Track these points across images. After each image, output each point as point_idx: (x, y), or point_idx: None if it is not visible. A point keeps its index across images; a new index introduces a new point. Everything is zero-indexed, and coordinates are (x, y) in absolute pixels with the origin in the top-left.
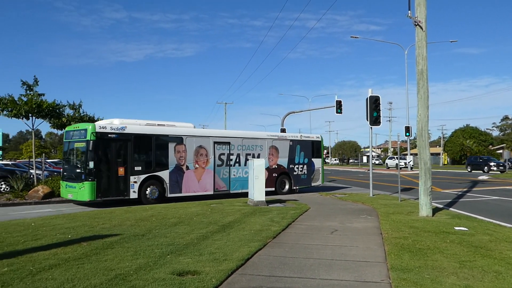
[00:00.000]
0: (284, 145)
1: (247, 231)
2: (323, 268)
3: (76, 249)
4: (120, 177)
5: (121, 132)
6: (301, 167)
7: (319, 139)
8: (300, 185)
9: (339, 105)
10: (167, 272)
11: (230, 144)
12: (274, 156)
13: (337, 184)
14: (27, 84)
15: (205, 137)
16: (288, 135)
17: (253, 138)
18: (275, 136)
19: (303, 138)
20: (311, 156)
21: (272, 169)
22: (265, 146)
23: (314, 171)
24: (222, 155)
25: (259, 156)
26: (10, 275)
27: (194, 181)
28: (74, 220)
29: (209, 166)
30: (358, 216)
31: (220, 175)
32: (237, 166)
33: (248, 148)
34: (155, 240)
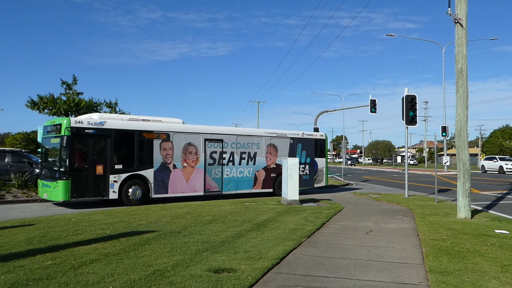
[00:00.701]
0: (284, 143)
1: (281, 230)
2: (359, 268)
3: (115, 244)
4: (98, 176)
5: (99, 127)
6: (302, 167)
7: (323, 137)
8: (301, 186)
9: (374, 104)
10: (204, 269)
11: (223, 141)
12: (272, 155)
13: (372, 184)
14: (67, 83)
15: (195, 134)
16: (288, 133)
17: (248, 136)
18: (273, 133)
19: (305, 136)
20: (314, 155)
21: (270, 169)
22: (263, 144)
23: (317, 171)
24: (214, 154)
25: (255, 155)
26: (54, 268)
27: (182, 181)
28: (112, 216)
29: (199, 165)
30: (393, 216)
31: (212, 174)
32: (231, 165)
33: (243, 146)
34: (190, 237)
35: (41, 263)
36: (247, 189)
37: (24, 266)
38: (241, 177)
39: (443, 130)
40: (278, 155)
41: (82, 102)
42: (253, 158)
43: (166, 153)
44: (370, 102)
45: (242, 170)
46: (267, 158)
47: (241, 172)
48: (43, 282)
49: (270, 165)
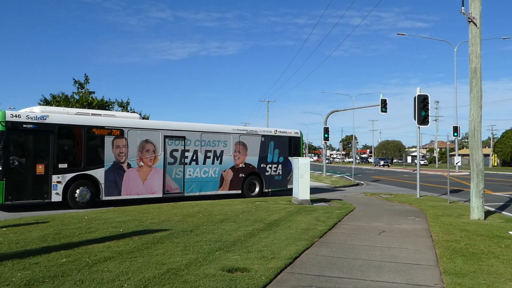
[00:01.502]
0: (254, 141)
1: (293, 230)
2: (372, 269)
3: (128, 242)
4: (39, 176)
5: (41, 122)
6: (275, 167)
7: (298, 135)
8: (273, 187)
9: (384, 103)
10: (217, 268)
11: (185, 138)
12: (241, 154)
13: (382, 184)
14: (79, 82)
15: (153, 130)
16: (260, 130)
17: (214, 133)
18: (242, 130)
19: (278, 134)
20: (288, 154)
21: (239, 168)
22: (230, 142)
23: (291, 171)
24: (175, 152)
25: (222, 153)
26: (69, 265)
27: (137, 182)
28: (124, 215)
29: (157, 164)
30: (405, 217)
31: (172, 175)
32: (194, 164)
33: (209, 143)
34: (203, 236)
35: (56, 260)
36: (212, 191)
37: (40, 263)
38: (205, 177)
39: (455, 130)
40: (247, 153)
41: (95, 101)
42: (220, 157)
43: (120, 151)
44: (380, 101)
45: (207, 170)
46: (235, 157)
47: (205, 172)
48: (58, 280)
49: (239, 164)
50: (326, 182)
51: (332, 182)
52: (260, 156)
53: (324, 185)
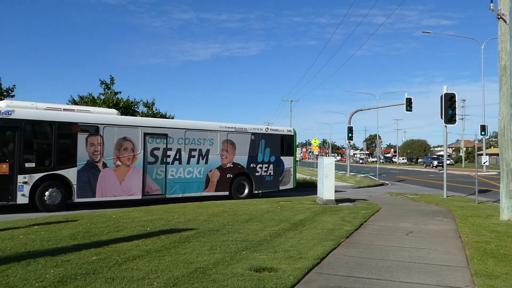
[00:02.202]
0: (243, 139)
1: (319, 230)
2: (401, 270)
3: (156, 241)
4: (2, 176)
5: (5, 117)
6: (265, 167)
7: (291, 133)
8: (264, 189)
9: (409, 102)
10: (245, 267)
11: (167, 136)
12: (229, 153)
13: (407, 184)
14: (105, 83)
15: (132, 127)
16: (250, 127)
17: (200, 130)
18: (231, 128)
19: (270, 132)
20: (280, 153)
21: (226, 168)
22: (217, 140)
23: (284, 171)
24: (156, 150)
25: (208, 152)
26: (99, 263)
27: (114, 183)
28: (151, 214)
29: (136, 163)
30: (433, 218)
31: (153, 175)
32: (177, 164)
33: (194, 142)
34: (229, 235)
35: (86, 258)
36: (197, 192)
37: (71, 261)
38: (189, 178)
39: (482, 129)
40: (236, 152)
41: (121, 101)
42: (205, 156)
43: (94, 149)
44: (405, 100)
45: (191, 170)
46: (223, 156)
47: (189, 172)
48: (90, 277)
49: (226, 164)
50: (350, 182)
51: (356, 182)
52: (249, 155)
53: (348, 185)
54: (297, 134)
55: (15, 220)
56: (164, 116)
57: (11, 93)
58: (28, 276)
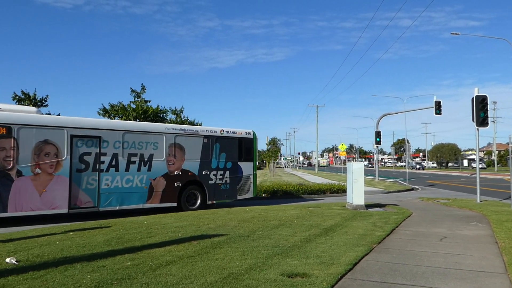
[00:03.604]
0: (195, 143)
1: (350, 235)
2: (437, 276)
3: (188, 247)
4: None
5: None
6: (221, 174)
7: (250, 135)
8: (219, 198)
9: (439, 105)
10: (277, 273)
11: (101, 139)
12: (177, 158)
13: (438, 189)
14: (135, 92)
15: (56, 129)
16: (201, 129)
17: (141, 132)
18: (179, 130)
19: (226, 134)
20: (238, 158)
21: (174, 176)
22: (163, 144)
23: (242, 179)
24: (86, 156)
25: (152, 157)
26: (134, 269)
27: (32, 194)
28: (181, 220)
29: (61, 171)
30: (467, 223)
31: (82, 184)
32: (113, 171)
33: (134, 146)
34: (260, 241)
35: (121, 263)
36: (138, 204)
37: (107, 266)
38: (128, 187)
39: None
40: (185, 158)
41: (150, 109)
42: (148, 162)
43: (5, 155)
44: (434, 103)
45: (131, 178)
46: (169, 162)
47: (129, 181)
48: (125, 282)
49: (174, 171)
50: (379, 187)
51: (385, 187)
52: (202, 161)
53: (377, 190)
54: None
55: (51, 227)
56: (192, 123)
57: (45, 103)
58: (66, 281)
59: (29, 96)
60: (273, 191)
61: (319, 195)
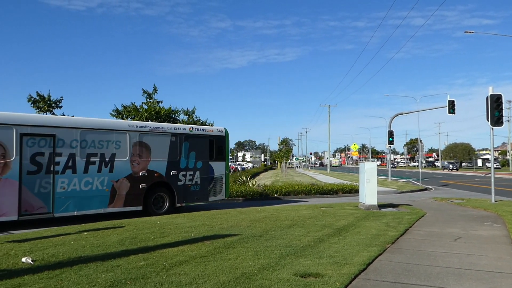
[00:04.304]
0: (162, 141)
1: (363, 235)
2: (452, 277)
3: (201, 247)
4: None
5: None
6: (190, 174)
7: (222, 133)
8: (189, 201)
9: (452, 105)
10: (290, 273)
11: (55, 138)
12: (142, 158)
13: (452, 189)
14: (147, 93)
15: (2, 127)
16: (169, 127)
17: (102, 130)
18: (144, 127)
19: (196, 132)
20: (209, 158)
21: (139, 177)
22: (126, 143)
23: (213, 179)
24: (39, 156)
25: (114, 157)
26: (147, 268)
27: None
28: (194, 220)
29: (9, 173)
30: (481, 223)
31: (34, 188)
32: (70, 173)
33: (93, 145)
34: (272, 241)
35: (135, 263)
36: (99, 208)
37: (120, 266)
38: (87, 190)
39: None
40: (151, 157)
41: (162, 110)
42: (110, 162)
43: None
44: (448, 103)
45: (91, 180)
46: (134, 162)
47: (88, 183)
48: (139, 282)
49: (139, 172)
50: (392, 187)
51: (398, 187)
52: (169, 161)
53: (390, 190)
54: (229, 134)
55: (65, 227)
56: (204, 124)
57: (59, 105)
58: (81, 281)
59: (43, 98)
60: (285, 192)
61: (332, 195)
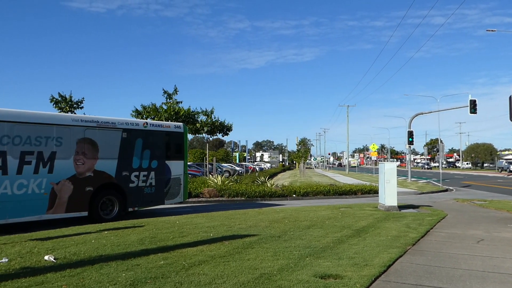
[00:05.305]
0: (111, 137)
1: (383, 237)
2: (475, 280)
3: (220, 247)
4: None
5: None
6: (144, 175)
7: (179, 129)
8: (142, 204)
9: (474, 104)
10: (309, 274)
11: None
12: (87, 157)
13: (474, 190)
14: (167, 93)
15: None
16: (119, 121)
17: (39, 125)
18: (90, 121)
19: (150, 128)
20: (165, 156)
21: (84, 179)
22: (69, 139)
23: (170, 181)
24: None
25: (54, 156)
26: (167, 268)
27: None
28: (213, 220)
29: None
30: (505, 225)
31: None
32: (0, 175)
33: (29, 141)
34: (291, 242)
35: (154, 262)
36: (35, 215)
37: (140, 265)
38: (22, 194)
39: None
40: (99, 156)
41: (181, 110)
42: (49, 161)
43: None
44: (469, 102)
45: (25, 183)
46: (78, 162)
47: (22, 186)
48: (159, 281)
49: (84, 172)
50: (412, 188)
51: (418, 187)
52: (120, 160)
53: (410, 190)
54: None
55: (86, 225)
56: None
57: (80, 105)
58: (102, 279)
59: (65, 99)
60: (303, 192)
61: (350, 196)
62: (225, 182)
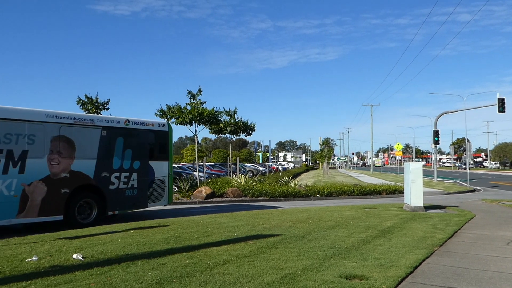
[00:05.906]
0: (89, 136)
1: (409, 238)
2: (505, 282)
3: (244, 247)
4: None
5: None
6: (125, 176)
7: (164, 128)
8: (123, 208)
9: (502, 102)
10: (334, 275)
11: None
12: (63, 156)
13: (503, 190)
14: (192, 94)
15: None
16: (98, 119)
17: (8, 120)
18: (67, 118)
19: (132, 126)
20: (149, 157)
21: (59, 180)
22: (43, 137)
23: (154, 182)
24: None
25: (26, 155)
26: (192, 267)
27: None
28: (236, 220)
29: None
30: None
31: None
32: None
33: None
34: (315, 242)
35: (180, 262)
36: (3, 219)
37: (166, 264)
38: None
39: None
40: (76, 155)
41: (205, 111)
42: (20, 161)
43: None
44: (497, 100)
45: None
46: (52, 161)
47: None
48: (184, 280)
49: (59, 173)
50: (438, 188)
51: (444, 188)
52: (99, 160)
53: (436, 191)
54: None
55: (112, 225)
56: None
57: (106, 107)
58: (128, 278)
59: (91, 100)
60: (327, 192)
61: (375, 196)
62: (249, 182)
